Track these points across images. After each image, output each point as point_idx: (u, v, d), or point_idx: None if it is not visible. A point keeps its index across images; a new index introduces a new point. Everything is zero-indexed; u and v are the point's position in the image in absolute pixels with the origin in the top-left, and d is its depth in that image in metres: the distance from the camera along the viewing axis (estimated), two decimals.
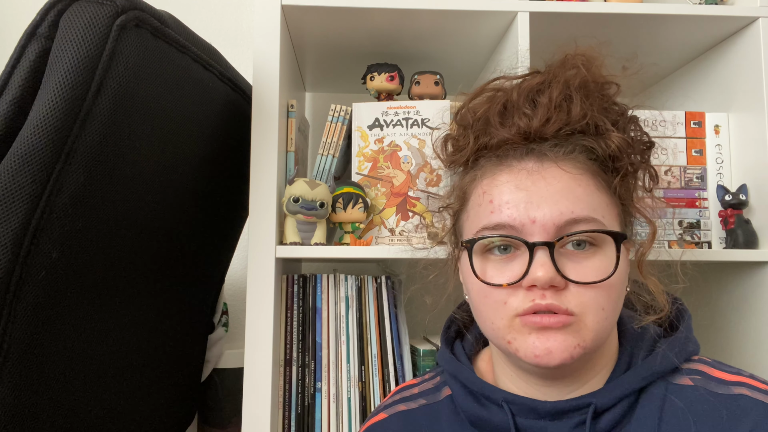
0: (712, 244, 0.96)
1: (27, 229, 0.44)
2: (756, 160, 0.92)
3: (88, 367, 0.51)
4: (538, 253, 0.49)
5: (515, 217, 0.51)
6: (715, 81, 1.03)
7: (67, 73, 0.47)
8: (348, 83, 1.19)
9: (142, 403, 0.61)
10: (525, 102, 0.55)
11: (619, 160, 0.54)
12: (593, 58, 0.56)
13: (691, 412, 0.51)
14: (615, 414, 0.52)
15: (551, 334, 0.49)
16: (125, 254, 0.56)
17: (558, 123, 0.53)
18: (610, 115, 0.55)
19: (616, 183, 0.53)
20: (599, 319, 0.50)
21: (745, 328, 0.94)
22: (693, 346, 0.56)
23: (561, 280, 0.49)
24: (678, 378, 0.54)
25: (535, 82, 0.56)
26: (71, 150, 0.47)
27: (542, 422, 0.54)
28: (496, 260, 0.53)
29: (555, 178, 0.51)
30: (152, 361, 0.63)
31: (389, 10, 0.88)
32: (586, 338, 0.49)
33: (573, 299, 0.49)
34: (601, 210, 0.51)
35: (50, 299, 0.46)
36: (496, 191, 0.53)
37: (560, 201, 0.50)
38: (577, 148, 0.53)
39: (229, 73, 0.79)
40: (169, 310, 0.66)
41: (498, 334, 0.52)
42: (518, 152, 0.54)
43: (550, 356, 0.49)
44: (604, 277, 0.49)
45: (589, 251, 0.50)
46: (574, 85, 0.54)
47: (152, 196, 0.60)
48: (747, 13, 0.92)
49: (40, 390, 0.46)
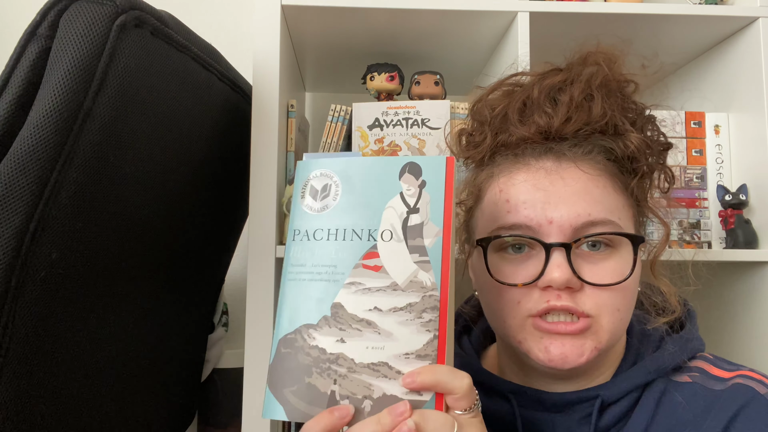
0: (712, 244, 0.96)
1: (27, 229, 0.44)
2: (756, 160, 0.92)
3: (88, 367, 0.51)
4: (555, 254, 0.49)
5: (532, 217, 0.50)
6: (715, 81, 1.03)
7: (67, 72, 0.47)
8: (348, 83, 1.19)
9: (142, 403, 0.61)
10: (546, 100, 0.54)
11: (637, 161, 0.53)
12: (614, 56, 0.56)
13: (691, 409, 0.51)
14: (619, 409, 0.52)
15: (566, 340, 0.49)
16: (125, 254, 0.56)
17: (578, 122, 0.52)
18: (629, 114, 0.55)
19: (633, 184, 0.53)
20: (614, 320, 0.49)
21: (745, 327, 0.94)
22: (698, 344, 0.57)
23: (577, 281, 0.49)
24: (679, 375, 0.54)
25: (557, 80, 0.55)
26: (71, 150, 0.47)
27: (548, 414, 0.54)
28: (511, 259, 0.52)
29: (573, 179, 0.51)
30: (152, 360, 0.63)
31: (389, 10, 0.88)
32: (602, 340, 0.49)
33: (588, 301, 0.49)
34: (617, 212, 0.51)
35: (50, 299, 0.46)
36: (513, 190, 0.52)
37: (578, 202, 0.50)
38: (596, 148, 0.53)
39: (229, 73, 0.79)
40: (169, 310, 0.66)
41: (509, 333, 0.52)
42: (536, 151, 0.53)
43: (565, 361, 0.49)
44: (620, 279, 0.49)
45: (605, 253, 0.50)
46: (596, 84, 0.53)
47: (152, 196, 0.60)
48: (747, 13, 0.91)
49: (40, 390, 0.46)
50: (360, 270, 0.45)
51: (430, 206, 0.45)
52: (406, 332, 0.43)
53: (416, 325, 0.43)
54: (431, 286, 0.43)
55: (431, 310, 0.43)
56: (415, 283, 0.44)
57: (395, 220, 0.45)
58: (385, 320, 0.43)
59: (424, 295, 0.43)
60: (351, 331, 0.44)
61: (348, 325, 0.44)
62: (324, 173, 0.48)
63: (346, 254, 0.45)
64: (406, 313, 0.43)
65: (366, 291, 0.44)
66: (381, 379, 0.42)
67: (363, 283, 0.45)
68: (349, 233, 0.46)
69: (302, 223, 0.48)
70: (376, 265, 0.45)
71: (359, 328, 0.44)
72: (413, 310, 0.43)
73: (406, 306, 0.43)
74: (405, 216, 0.45)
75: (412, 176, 0.46)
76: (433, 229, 0.44)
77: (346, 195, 0.47)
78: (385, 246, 0.45)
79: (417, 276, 0.44)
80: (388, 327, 0.43)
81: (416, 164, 0.46)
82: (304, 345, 0.44)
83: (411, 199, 0.45)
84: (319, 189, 0.48)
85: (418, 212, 0.45)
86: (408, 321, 0.43)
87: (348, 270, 0.45)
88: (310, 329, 0.45)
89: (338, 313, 0.44)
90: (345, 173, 0.48)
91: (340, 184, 0.48)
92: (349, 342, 0.44)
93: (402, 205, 0.46)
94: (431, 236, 0.44)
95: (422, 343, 0.43)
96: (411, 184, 0.46)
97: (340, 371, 0.43)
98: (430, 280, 0.44)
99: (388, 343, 0.43)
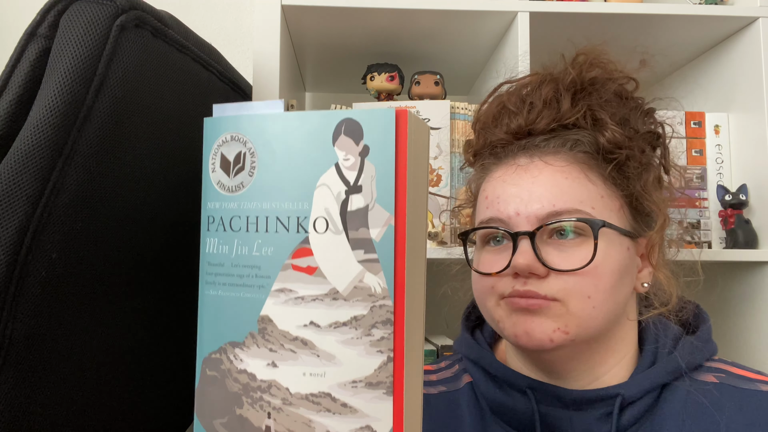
0: (712, 244, 0.96)
1: (27, 229, 0.44)
2: (756, 160, 0.92)
3: (89, 366, 0.51)
4: (521, 243, 0.51)
5: (503, 210, 0.54)
6: (715, 81, 1.03)
7: (67, 73, 0.47)
8: (348, 83, 1.19)
9: (143, 403, 0.61)
10: (516, 101, 0.59)
11: (612, 152, 0.55)
12: (598, 54, 0.58)
13: (718, 408, 0.52)
14: (639, 408, 0.53)
15: (530, 317, 0.51)
16: (126, 254, 0.56)
17: (547, 119, 0.56)
18: (610, 108, 0.56)
19: (609, 172, 0.54)
20: (584, 306, 0.50)
21: (745, 327, 0.94)
22: (712, 347, 0.57)
23: (540, 267, 0.50)
24: (702, 375, 0.55)
25: (526, 82, 0.60)
26: (71, 150, 0.47)
27: (566, 411, 0.54)
28: (491, 251, 0.56)
29: (541, 173, 0.53)
30: (153, 360, 0.63)
31: (389, 10, 0.88)
32: (569, 323, 0.50)
33: (555, 286, 0.50)
34: (590, 201, 0.52)
35: (50, 299, 0.46)
36: (490, 187, 0.57)
37: (543, 195, 0.52)
38: (569, 142, 0.55)
39: (229, 73, 0.79)
40: (169, 310, 0.66)
41: (489, 314, 0.55)
42: (512, 149, 0.57)
43: (529, 337, 0.51)
44: (582, 264, 0.50)
45: (576, 240, 0.51)
46: (565, 83, 0.56)
47: (152, 196, 0.60)
48: (747, 13, 0.92)
49: (40, 390, 0.46)
50: (289, 273, 0.35)
51: (375, 182, 0.33)
52: (352, 354, 0.33)
53: (364, 345, 0.33)
54: (381, 293, 0.33)
55: (383, 324, 0.33)
56: (360, 290, 0.33)
57: (331, 204, 0.34)
58: (324, 339, 0.34)
59: (372, 305, 0.33)
60: (283, 352, 0.34)
61: (279, 345, 0.35)
62: (235, 136, 0.37)
63: (271, 251, 0.35)
64: (350, 330, 0.33)
65: (298, 301, 0.34)
66: (323, 414, 0.33)
67: (294, 290, 0.35)
68: (273, 222, 0.35)
69: (215, 206, 0.38)
70: (310, 265, 0.34)
71: (293, 349, 0.34)
72: (360, 325, 0.33)
73: (351, 320, 0.33)
74: (344, 197, 0.34)
75: (349, 139, 0.34)
76: (382, 215, 0.33)
77: (265, 168, 0.36)
78: (320, 239, 0.34)
79: (363, 280, 0.33)
80: (329, 348, 0.34)
81: (354, 122, 0.33)
82: (231, 368, 0.36)
83: (350, 173, 0.33)
84: (231, 159, 0.37)
85: (361, 191, 0.33)
86: (353, 339, 0.33)
87: (274, 273, 0.35)
88: (236, 348, 0.36)
89: (267, 329, 0.35)
90: (262, 136, 0.36)
91: (257, 153, 0.36)
92: (282, 366, 0.35)
93: (339, 182, 0.34)
94: (379, 225, 0.33)
95: (373, 367, 0.33)
96: (349, 152, 0.33)
97: (273, 403, 0.35)
98: (380, 284, 0.33)
99: (329, 369, 0.33)
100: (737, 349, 0.95)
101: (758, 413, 0.51)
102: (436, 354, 0.98)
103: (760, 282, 0.90)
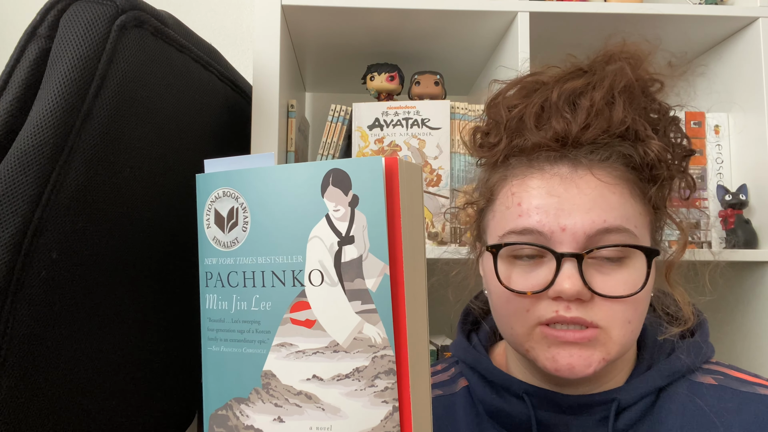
0: (712, 244, 0.96)
1: (27, 229, 0.44)
2: (756, 160, 0.92)
3: (89, 367, 0.51)
4: (566, 265, 0.47)
5: (545, 223, 0.49)
6: (715, 81, 1.03)
7: (67, 72, 0.47)
8: (348, 83, 1.19)
9: (143, 403, 0.61)
10: (565, 104, 0.51)
11: (656, 168, 0.52)
12: (640, 56, 0.53)
13: (717, 411, 0.51)
14: (635, 412, 0.52)
15: (574, 349, 0.48)
16: (126, 254, 0.56)
17: (597, 129, 0.50)
18: (652, 117, 0.53)
19: (652, 192, 0.51)
20: (625, 332, 0.48)
21: (745, 327, 0.94)
22: (709, 350, 0.56)
23: (587, 292, 0.47)
24: (700, 377, 0.54)
25: (578, 84, 0.52)
26: (71, 150, 0.47)
27: (563, 416, 0.53)
28: (522, 265, 0.51)
29: (588, 186, 0.49)
30: (153, 360, 0.63)
31: (389, 10, 0.88)
32: (611, 351, 0.48)
33: (599, 312, 0.48)
34: (634, 219, 0.49)
35: (51, 299, 0.46)
36: (526, 195, 0.51)
37: (593, 209, 0.48)
38: (614, 155, 0.50)
39: (229, 74, 0.79)
40: (170, 310, 0.66)
41: (517, 340, 0.51)
42: (552, 156, 0.51)
43: (572, 371, 0.48)
44: (632, 291, 0.48)
45: (618, 263, 0.49)
46: (618, 89, 0.51)
47: (152, 196, 0.60)
48: (747, 13, 0.92)
49: (40, 390, 0.46)
50: (289, 327, 0.35)
51: (367, 232, 0.33)
52: (357, 406, 0.33)
53: (368, 396, 0.33)
54: (382, 344, 0.33)
55: (386, 374, 0.33)
56: (360, 341, 0.34)
57: (324, 256, 0.34)
58: (328, 392, 0.34)
59: (374, 355, 0.33)
60: (289, 407, 0.35)
61: (284, 400, 0.35)
62: (227, 192, 0.38)
63: (269, 306, 0.36)
64: (353, 382, 0.34)
65: (300, 354, 0.35)
66: None
67: (294, 344, 0.35)
68: (269, 276, 0.36)
69: (213, 262, 0.38)
70: (308, 319, 0.35)
71: (297, 403, 0.35)
72: (363, 376, 0.33)
73: (353, 372, 0.34)
74: (336, 248, 0.34)
75: (338, 190, 0.34)
76: (377, 265, 0.33)
77: (258, 222, 0.36)
78: (316, 292, 0.35)
79: (362, 331, 0.34)
80: (333, 401, 0.34)
81: (342, 172, 0.34)
82: (238, 425, 0.36)
83: (341, 224, 0.34)
84: (225, 215, 0.38)
85: (353, 242, 0.34)
86: (357, 391, 0.33)
87: (274, 327, 0.36)
88: (242, 404, 0.36)
89: (270, 385, 0.36)
90: (253, 191, 0.37)
91: (248, 207, 0.37)
92: (289, 421, 0.35)
93: (331, 234, 0.34)
94: (374, 275, 0.33)
95: (379, 418, 0.33)
96: (339, 202, 0.34)
97: None
98: (379, 335, 0.33)
99: (336, 422, 0.34)
100: (737, 349, 0.95)
101: (757, 416, 0.51)
102: (436, 354, 0.98)
103: (760, 282, 0.90)
